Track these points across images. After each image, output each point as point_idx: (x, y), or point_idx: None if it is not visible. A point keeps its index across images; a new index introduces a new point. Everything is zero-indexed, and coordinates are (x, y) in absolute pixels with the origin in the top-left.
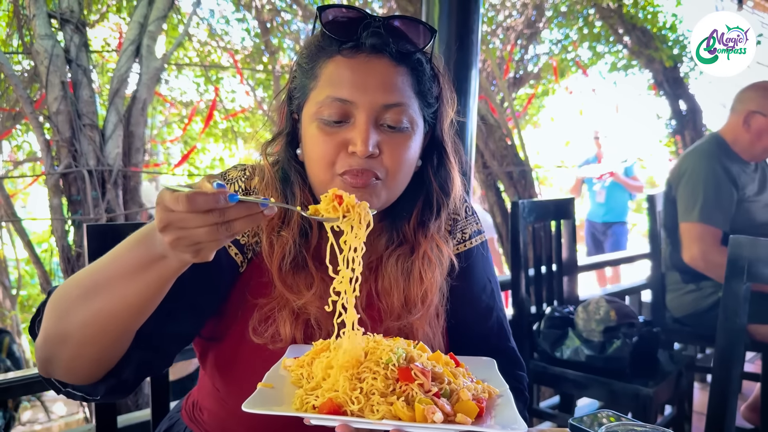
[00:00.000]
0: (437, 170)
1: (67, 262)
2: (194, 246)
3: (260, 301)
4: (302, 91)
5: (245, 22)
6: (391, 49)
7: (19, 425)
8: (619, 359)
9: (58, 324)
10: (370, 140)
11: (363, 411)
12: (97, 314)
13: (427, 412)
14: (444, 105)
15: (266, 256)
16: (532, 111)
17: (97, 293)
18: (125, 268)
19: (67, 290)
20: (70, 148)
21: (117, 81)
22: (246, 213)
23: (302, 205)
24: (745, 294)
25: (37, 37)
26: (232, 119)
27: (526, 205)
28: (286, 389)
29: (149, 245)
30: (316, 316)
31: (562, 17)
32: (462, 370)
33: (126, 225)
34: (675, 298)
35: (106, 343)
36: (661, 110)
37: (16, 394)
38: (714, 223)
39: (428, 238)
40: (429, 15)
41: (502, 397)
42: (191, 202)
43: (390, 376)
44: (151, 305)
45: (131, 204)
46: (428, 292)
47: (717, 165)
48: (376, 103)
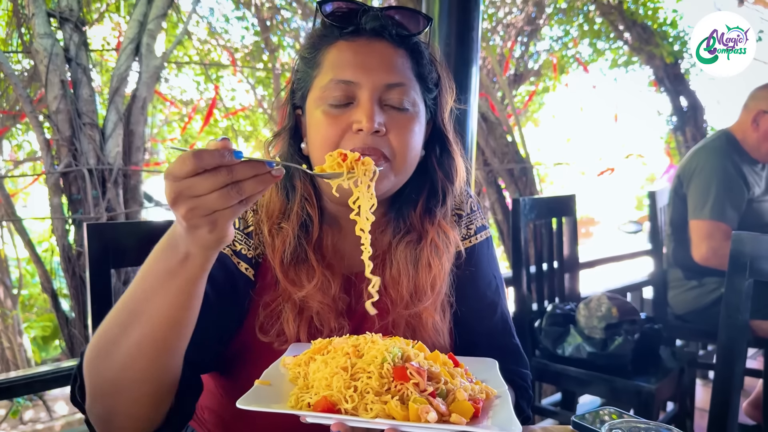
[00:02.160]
0: (441, 158)
1: (68, 261)
2: (208, 217)
3: (265, 298)
4: (305, 81)
5: (245, 20)
6: (390, 32)
7: (21, 424)
8: (621, 356)
9: (104, 373)
10: (375, 117)
11: (357, 409)
12: (141, 343)
13: (421, 411)
14: (444, 92)
15: (269, 250)
16: (533, 108)
17: (134, 320)
18: (155, 281)
19: (102, 335)
20: (71, 147)
21: (117, 80)
22: (253, 172)
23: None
24: (747, 290)
25: (37, 36)
26: (233, 117)
27: (527, 202)
28: (284, 387)
29: (171, 247)
30: (319, 312)
31: (563, 14)
32: (460, 370)
33: (126, 224)
34: (677, 294)
35: (158, 373)
36: (661, 107)
37: (18, 393)
38: (725, 219)
39: (435, 226)
40: (429, 12)
41: (499, 398)
42: (198, 157)
43: (385, 375)
44: (188, 315)
45: (132, 203)
46: (437, 278)
47: (728, 162)
48: (379, 82)
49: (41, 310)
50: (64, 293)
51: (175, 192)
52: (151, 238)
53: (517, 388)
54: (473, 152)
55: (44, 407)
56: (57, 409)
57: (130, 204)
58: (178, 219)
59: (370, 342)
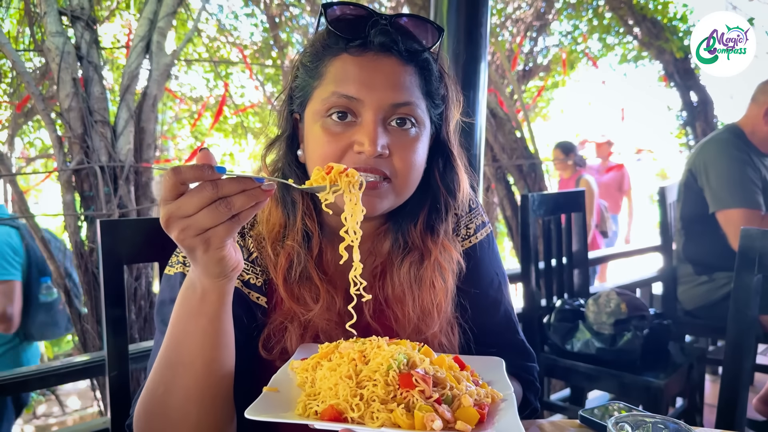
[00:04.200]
0: (444, 172)
1: (81, 257)
2: (201, 236)
3: (270, 314)
4: (305, 90)
5: (254, 17)
6: (399, 48)
7: (35, 419)
8: (630, 351)
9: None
10: (378, 140)
11: (363, 418)
12: (188, 393)
13: (426, 419)
14: (450, 106)
15: (271, 267)
16: (542, 104)
17: (174, 373)
18: (181, 327)
19: (150, 398)
20: (82, 144)
21: (127, 77)
22: (240, 188)
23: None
24: (756, 286)
25: (49, 35)
26: (242, 114)
27: (536, 198)
28: (292, 392)
29: (189, 289)
30: (324, 329)
31: (572, 9)
32: (466, 373)
33: (138, 220)
34: (687, 290)
35: (213, 415)
36: (671, 102)
37: (33, 387)
38: (757, 206)
39: (438, 245)
40: (437, 8)
41: (505, 401)
42: (176, 172)
43: (391, 382)
44: (222, 355)
45: (143, 199)
46: (442, 300)
47: (740, 152)
48: (385, 101)
49: None
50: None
51: (167, 214)
52: (163, 235)
53: (524, 382)
54: (481, 149)
55: (57, 402)
56: (69, 403)
57: (141, 201)
58: (178, 244)
59: (376, 347)
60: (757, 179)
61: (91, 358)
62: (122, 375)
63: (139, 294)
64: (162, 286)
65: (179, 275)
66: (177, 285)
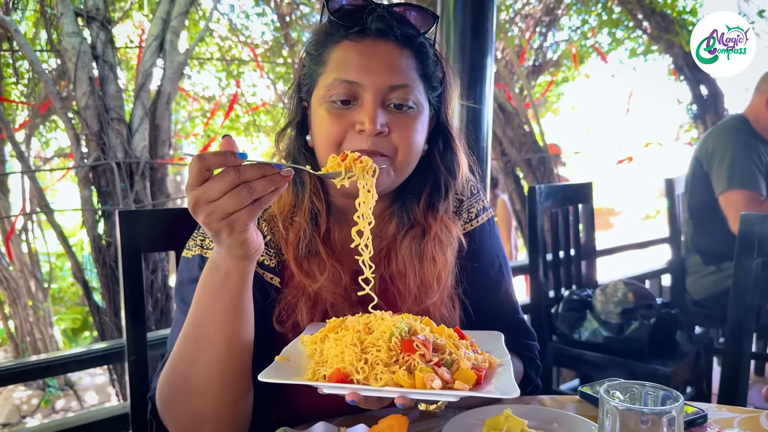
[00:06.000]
0: (443, 153)
1: (98, 251)
2: (226, 220)
3: (283, 291)
4: (311, 78)
5: (265, 16)
6: (395, 32)
7: (53, 413)
8: (637, 340)
9: (185, 407)
10: (378, 119)
11: (368, 380)
12: (211, 366)
13: (426, 379)
14: (448, 89)
15: (282, 244)
16: (552, 98)
17: (198, 347)
18: (205, 305)
19: (173, 372)
20: (99, 141)
21: (142, 76)
22: (261, 173)
23: (311, 172)
24: (756, 270)
25: (65, 35)
26: (254, 113)
27: (543, 190)
28: (302, 362)
29: (213, 269)
30: (332, 302)
31: (581, 3)
32: (465, 342)
33: (155, 210)
34: (695, 280)
35: (234, 389)
36: (682, 95)
37: (56, 372)
38: (757, 188)
39: (438, 220)
40: (444, 2)
41: (502, 366)
42: (201, 158)
43: (393, 347)
44: (243, 330)
45: (158, 195)
46: (442, 272)
47: (744, 136)
48: (383, 84)
49: (70, 303)
50: (93, 286)
51: (194, 200)
52: (179, 224)
53: (525, 359)
54: (489, 142)
55: (75, 396)
56: (87, 398)
57: (156, 196)
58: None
59: (380, 319)
60: (760, 164)
61: (109, 345)
62: (140, 360)
63: (156, 287)
64: (180, 267)
65: (197, 257)
66: (195, 267)
